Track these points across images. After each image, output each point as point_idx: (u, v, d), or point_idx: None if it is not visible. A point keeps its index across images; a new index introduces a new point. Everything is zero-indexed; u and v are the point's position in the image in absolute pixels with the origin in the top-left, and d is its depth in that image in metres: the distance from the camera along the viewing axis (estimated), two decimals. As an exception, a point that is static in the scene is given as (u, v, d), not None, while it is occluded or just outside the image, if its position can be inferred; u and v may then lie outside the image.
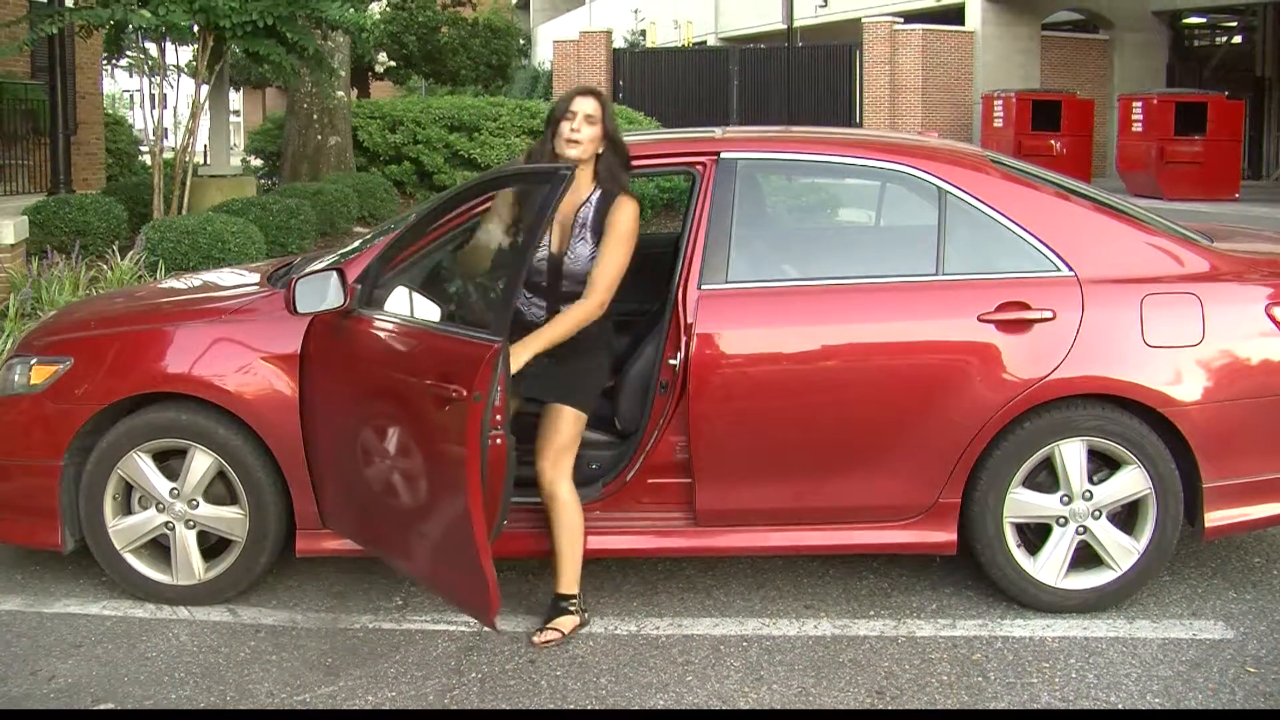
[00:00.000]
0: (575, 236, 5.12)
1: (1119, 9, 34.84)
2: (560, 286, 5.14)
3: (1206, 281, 5.38)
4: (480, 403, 4.36)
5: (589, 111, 5.09)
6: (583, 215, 5.14)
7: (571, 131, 5.08)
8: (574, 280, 5.10)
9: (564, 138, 5.08)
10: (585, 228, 5.12)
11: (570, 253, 5.12)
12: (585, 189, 5.16)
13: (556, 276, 5.14)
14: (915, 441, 5.25)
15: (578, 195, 5.13)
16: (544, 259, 5.12)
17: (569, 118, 5.09)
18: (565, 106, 5.13)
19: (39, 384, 5.53)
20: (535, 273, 5.12)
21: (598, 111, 5.10)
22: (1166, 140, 27.06)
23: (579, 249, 5.11)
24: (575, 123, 5.08)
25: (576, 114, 5.09)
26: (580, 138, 5.08)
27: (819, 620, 5.35)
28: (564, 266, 5.12)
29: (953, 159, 5.68)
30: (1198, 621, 5.31)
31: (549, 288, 5.15)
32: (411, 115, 23.09)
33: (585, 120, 5.09)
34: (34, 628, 5.32)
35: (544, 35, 51.81)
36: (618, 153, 5.20)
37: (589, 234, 5.11)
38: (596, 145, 5.13)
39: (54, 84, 15.98)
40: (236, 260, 11.82)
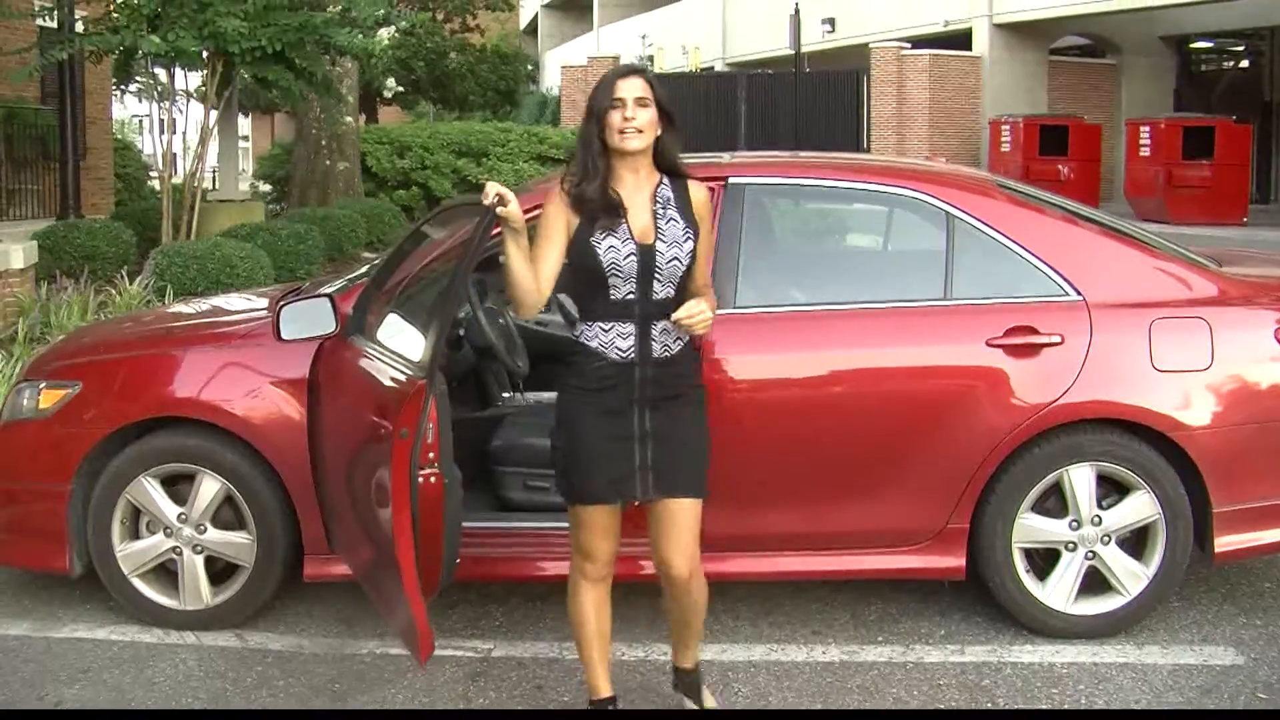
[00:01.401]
0: (662, 218, 4.26)
1: (1126, 34, 34.86)
2: (651, 289, 4.22)
3: (1215, 306, 5.37)
4: (406, 440, 4.14)
5: (639, 94, 4.23)
6: (663, 195, 4.31)
7: (625, 121, 4.21)
8: (668, 279, 4.22)
9: (617, 130, 4.21)
10: (670, 206, 4.29)
11: (661, 237, 4.22)
12: (651, 175, 4.34)
13: (647, 274, 4.21)
14: (924, 466, 5.24)
15: (647, 180, 4.32)
16: (630, 255, 4.19)
17: (618, 106, 4.22)
18: (609, 94, 4.25)
19: (48, 408, 5.54)
20: (616, 277, 4.19)
21: (647, 91, 4.26)
22: (1174, 164, 27.06)
23: (670, 230, 4.24)
24: (628, 109, 4.21)
25: (625, 100, 4.22)
26: (638, 125, 4.22)
27: (827, 646, 5.33)
28: (657, 258, 4.20)
29: (960, 184, 5.68)
30: (1208, 647, 5.29)
31: (639, 293, 4.22)
32: (419, 141, 23.17)
33: (637, 104, 4.22)
34: (41, 653, 5.31)
35: (552, 61, 51.93)
36: (673, 130, 4.37)
37: (676, 212, 4.28)
38: (655, 129, 4.29)
39: (64, 109, 16.07)
40: (244, 285, 11.85)
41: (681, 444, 4.28)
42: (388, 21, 18.15)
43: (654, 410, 4.22)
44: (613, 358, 4.20)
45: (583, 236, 4.19)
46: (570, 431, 4.26)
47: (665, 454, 4.24)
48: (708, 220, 4.42)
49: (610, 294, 4.19)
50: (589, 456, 4.22)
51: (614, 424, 4.20)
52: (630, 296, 4.20)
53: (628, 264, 4.17)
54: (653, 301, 4.21)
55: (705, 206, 4.39)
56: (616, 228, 4.19)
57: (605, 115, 4.24)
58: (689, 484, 4.28)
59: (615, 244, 4.17)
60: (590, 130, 4.29)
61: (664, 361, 4.23)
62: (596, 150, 4.27)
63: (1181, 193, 26.79)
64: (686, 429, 4.30)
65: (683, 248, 4.23)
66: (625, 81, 4.26)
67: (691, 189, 4.37)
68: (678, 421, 4.28)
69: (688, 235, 4.26)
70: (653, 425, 4.22)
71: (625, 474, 4.21)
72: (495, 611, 5.69)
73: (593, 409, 4.22)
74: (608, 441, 4.21)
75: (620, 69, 4.37)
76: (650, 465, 4.22)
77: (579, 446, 4.24)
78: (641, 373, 4.20)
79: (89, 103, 18.81)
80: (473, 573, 5.22)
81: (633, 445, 4.21)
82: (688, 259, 4.24)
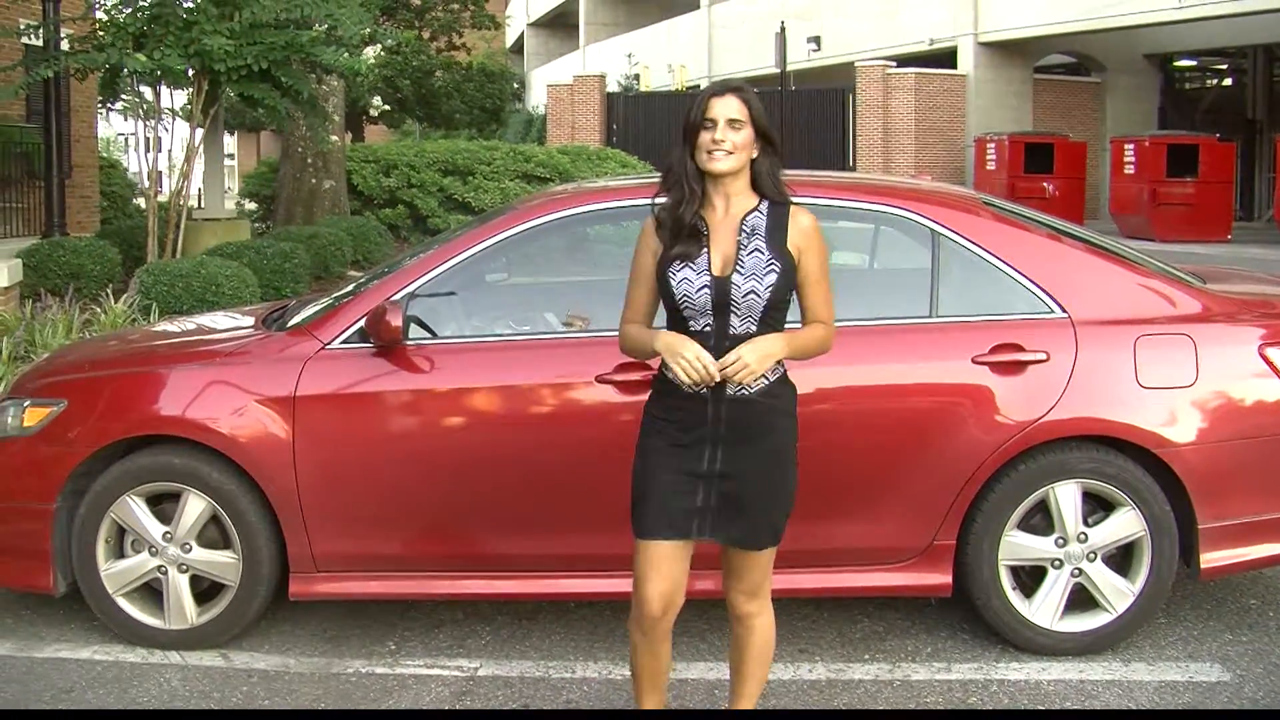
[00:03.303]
0: (744, 248, 4.00)
1: (1111, 52, 35.04)
2: (729, 324, 3.98)
3: (1200, 323, 5.38)
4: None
5: (732, 115, 4.00)
6: (751, 223, 4.05)
7: (714, 143, 3.99)
8: (746, 313, 3.98)
9: (705, 150, 4.00)
10: (757, 235, 4.02)
11: (740, 267, 3.98)
12: (747, 198, 4.09)
13: (724, 308, 3.98)
14: (910, 484, 5.24)
15: (739, 206, 4.08)
16: (704, 287, 3.98)
17: (708, 127, 4.01)
18: (701, 113, 4.03)
19: (32, 426, 5.52)
20: (689, 309, 4.00)
21: (743, 113, 4.02)
22: (1159, 182, 27.19)
23: (751, 261, 3.98)
24: (718, 131, 3.99)
25: (717, 121, 4.00)
26: (727, 148, 4.00)
27: (813, 664, 5.33)
28: (732, 290, 3.96)
29: (946, 201, 5.69)
30: (1194, 664, 5.29)
31: (715, 327, 4.00)
32: (406, 159, 23.18)
33: (729, 126, 4.00)
34: (24, 673, 5.28)
35: (538, 79, 52.06)
36: (774, 153, 4.14)
37: (763, 243, 4.01)
38: (750, 150, 4.05)
39: (49, 127, 16.05)
40: (230, 304, 11.82)
41: (754, 489, 4.04)
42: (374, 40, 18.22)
43: (728, 449, 4.00)
44: (684, 390, 3.99)
45: (662, 266, 4.04)
46: (641, 458, 4.11)
47: (733, 498, 4.02)
48: (813, 249, 4.06)
49: (689, 326, 4.00)
50: (652, 487, 4.04)
51: (683, 458, 4.01)
52: (707, 329, 3.98)
53: (700, 297, 3.96)
54: (730, 337, 3.95)
55: (808, 234, 4.05)
56: (695, 257, 4.00)
57: (696, 134, 4.03)
58: (754, 533, 4.07)
59: (690, 275, 3.98)
60: (682, 151, 4.08)
61: (740, 401, 3.99)
62: (690, 172, 4.05)
63: (1166, 210, 26.92)
64: (763, 472, 4.05)
65: (762, 280, 3.95)
66: (719, 100, 4.03)
67: (793, 216, 4.08)
68: (754, 463, 4.03)
69: (771, 267, 3.97)
70: (725, 465, 4.00)
71: (685, 511, 4.01)
72: (482, 630, 5.68)
73: (664, 439, 4.05)
74: (674, 475, 4.01)
75: (717, 86, 4.11)
76: (714, 507, 4.01)
77: (645, 475, 4.07)
78: (714, 410, 3.98)
79: (74, 121, 18.78)
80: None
81: (698, 483, 4.01)
82: (768, 292, 3.95)
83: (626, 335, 4.17)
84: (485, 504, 5.28)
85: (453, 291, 5.51)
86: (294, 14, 13.83)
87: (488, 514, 5.30)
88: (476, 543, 5.38)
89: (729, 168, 4.01)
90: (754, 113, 4.03)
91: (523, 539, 5.36)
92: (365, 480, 5.31)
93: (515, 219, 5.58)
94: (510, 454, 5.29)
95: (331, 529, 5.32)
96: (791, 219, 4.07)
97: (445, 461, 5.30)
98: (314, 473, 5.28)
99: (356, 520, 5.33)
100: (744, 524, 4.05)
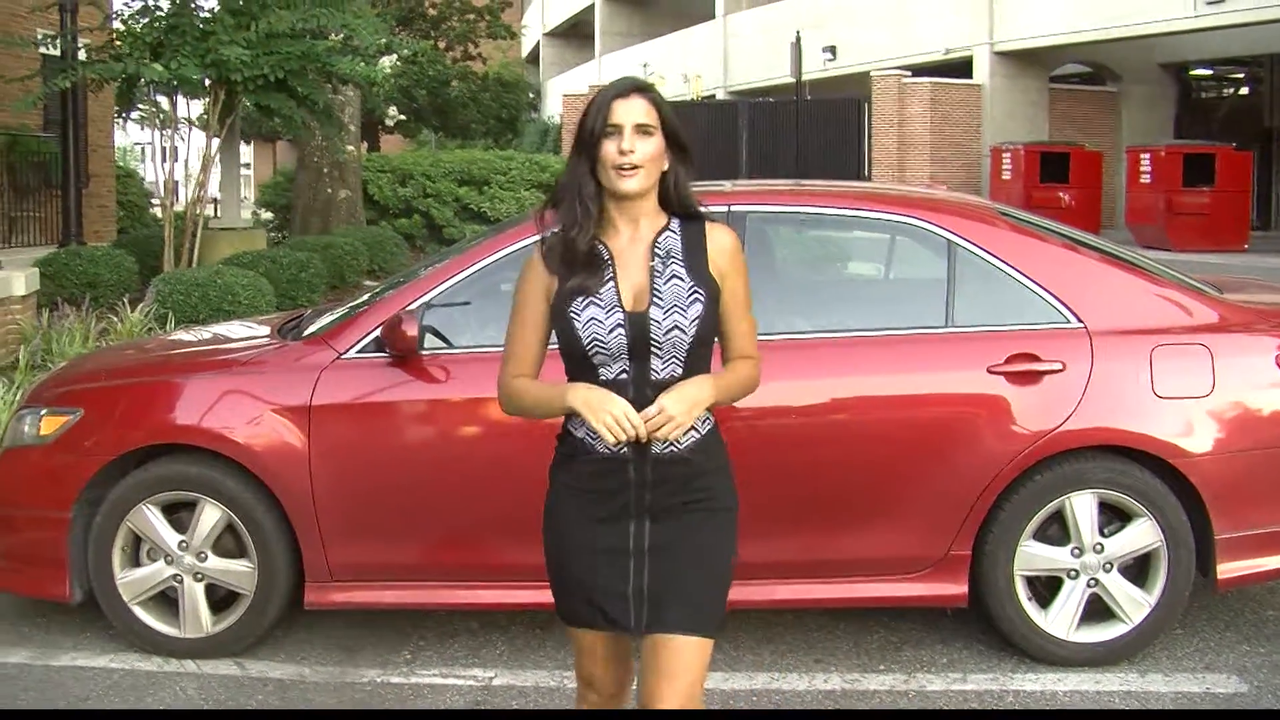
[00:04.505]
0: (660, 276, 3.32)
1: (1126, 61, 34.96)
2: (649, 368, 3.30)
3: (1216, 332, 5.37)
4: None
5: (640, 119, 3.30)
6: (664, 246, 3.36)
7: (622, 155, 3.28)
8: (670, 354, 3.29)
9: (612, 165, 3.28)
10: (674, 260, 3.35)
11: (657, 299, 3.29)
12: (657, 217, 3.40)
13: (643, 349, 3.29)
14: (925, 494, 5.24)
15: (649, 227, 3.39)
16: (617, 327, 3.29)
17: (612, 134, 3.30)
18: (603, 118, 3.31)
19: (49, 435, 5.54)
20: (601, 354, 3.29)
21: (652, 116, 3.32)
22: (1175, 191, 27.09)
23: (670, 291, 3.30)
24: (625, 139, 3.28)
25: (622, 127, 3.29)
26: (637, 160, 3.29)
27: (829, 674, 5.32)
28: (652, 328, 3.28)
29: (961, 211, 5.69)
30: (1211, 675, 5.27)
31: (634, 374, 3.30)
32: (421, 169, 23.24)
33: (638, 133, 3.29)
34: (41, 681, 5.30)
35: (554, 89, 52.12)
36: (687, 162, 3.43)
37: (681, 268, 3.33)
38: (661, 163, 3.36)
39: (66, 137, 16.12)
40: (246, 313, 11.85)
41: (690, 565, 3.37)
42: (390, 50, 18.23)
43: (656, 521, 3.35)
44: (602, 452, 3.32)
45: (560, 304, 3.33)
46: (554, 537, 3.47)
47: (667, 577, 3.35)
48: (736, 272, 3.42)
49: (599, 374, 3.29)
50: (573, 570, 3.41)
51: (606, 534, 3.36)
52: (623, 377, 3.29)
53: (614, 338, 3.27)
54: (652, 384, 3.27)
55: (730, 255, 3.41)
56: (600, 292, 3.30)
57: (597, 146, 3.31)
58: (693, 619, 3.33)
59: (598, 314, 3.28)
60: (579, 166, 3.35)
61: (669, 460, 3.33)
62: (589, 191, 3.34)
63: (1182, 219, 26.83)
64: (700, 546, 3.39)
65: (686, 313, 3.28)
66: (624, 103, 3.32)
67: (710, 235, 3.41)
68: (689, 535, 3.37)
69: (695, 296, 3.30)
70: (654, 539, 3.34)
71: (615, 597, 3.34)
72: (497, 640, 5.68)
73: (580, 513, 3.39)
74: (597, 555, 3.36)
75: (618, 85, 3.38)
76: (646, 591, 3.33)
77: (562, 558, 3.44)
78: (638, 473, 3.32)
79: (91, 130, 18.88)
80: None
81: (627, 563, 3.34)
82: (694, 326, 3.28)
83: (516, 393, 3.42)
84: (500, 513, 5.28)
85: (468, 301, 5.51)
86: (310, 24, 13.87)
87: (502, 523, 5.29)
88: (491, 552, 5.38)
89: (640, 187, 3.32)
90: (664, 115, 3.35)
91: (537, 548, 5.35)
92: (380, 489, 5.31)
93: (531, 228, 5.58)
94: (525, 463, 5.27)
95: (347, 538, 5.33)
96: (709, 237, 3.40)
97: (460, 471, 5.30)
98: (329, 482, 5.29)
99: (372, 529, 5.33)
100: (682, 607, 3.33)
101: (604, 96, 3.33)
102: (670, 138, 3.35)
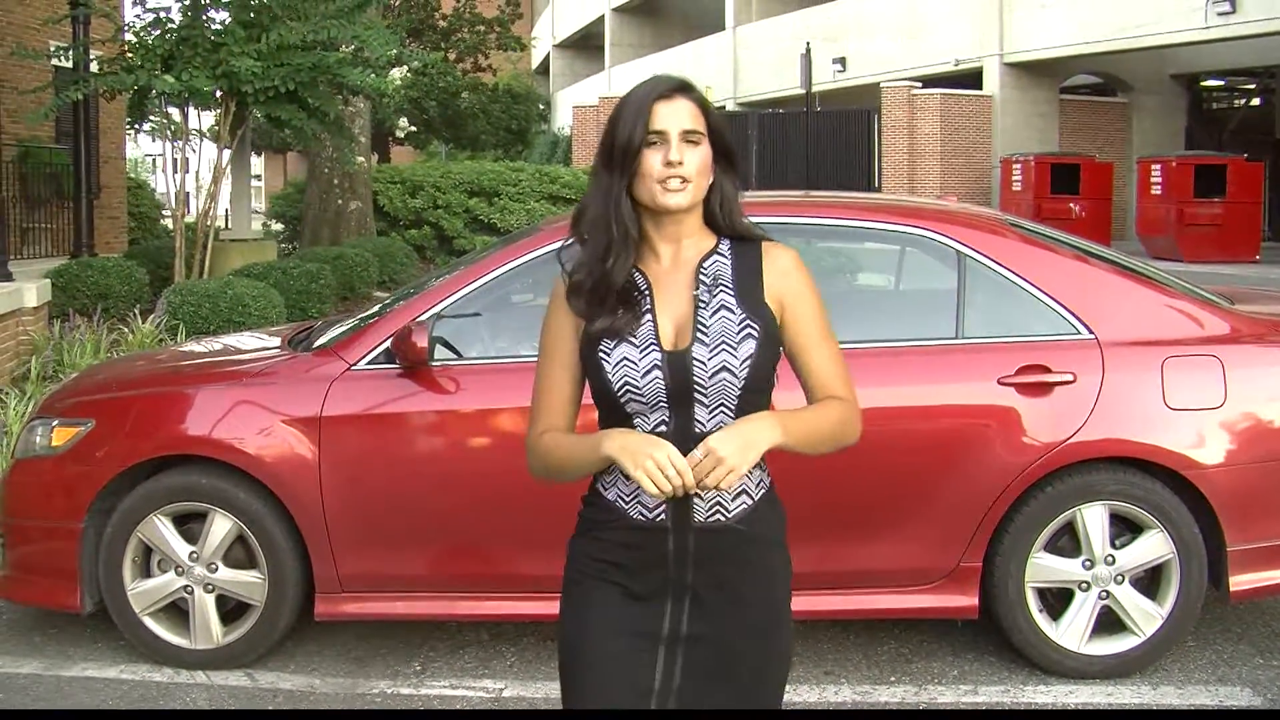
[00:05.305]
0: (705, 307, 2.78)
1: (1137, 72, 34.94)
2: (693, 418, 2.75)
3: (1228, 344, 5.36)
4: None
5: (687, 126, 2.78)
6: (711, 271, 2.84)
7: (669, 168, 2.75)
8: (717, 401, 2.75)
9: (656, 180, 2.75)
10: (722, 287, 2.82)
11: (702, 335, 2.75)
12: (703, 238, 2.89)
13: (685, 392, 2.74)
14: (936, 506, 5.23)
15: (693, 249, 2.87)
16: (653, 369, 2.75)
17: (655, 143, 2.76)
18: (643, 124, 2.75)
19: (60, 445, 5.55)
20: (636, 401, 2.76)
21: (700, 122, 2.80)
22: (1186, 203, 27.05)
23: (717, 325, 2.76)
24: (672, 150, 2.75)
25: (668, 134, 2.75)
26: (687, 172, 2.76)
27: (839, 686, 5.31)
28: (695, 369, 2.73)
29: (971, 222, 5.68)
30: (1223, 688, 5.25)
31: (675, 425, 2.75)
32: (432, 180, 23.27)
33: (685, 142, 2.77)
34: (51, 691, 5.30)
35: (564, 100, 52.18)
36: (733, 173, 2.93)
37: (731, 297, 2.80)
38: (709, 176, 2.84)
39: (78, 148, 16.17)
40: (257, 324, 11.85)
41: (738, 657, 2.80)
42: (400, 61, 18.25)
43: (699, 601, 2.79)
44: (635, 519, 2.79)
45: (588, 346, 2.81)
46: (574, 617, 2.90)
47: (709, 670, 2.79)
48: (803, 296, 2.90)
49: (634, 426, 2.77)
50: (589, 657, 2.83)
51: (635, 616, 2.81)
52: (662, 429, 2.75)
53: (649, 383, 2.74)
54: (696, 438, 2.69)
55: (792, 277, 2.90)
56: (634, 329, 2.78)
57: (637, 157, 2.76)
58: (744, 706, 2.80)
59: (630, 354, 2.76)
60: (612, 183, 2.79)
61: (715, 529, 2.77)
62: (627, 213, 2.80)
63: (1193, 231, 26.79)
64: (747, 633, 2.81)
65: (736, 351, 2.74)
66: (667, 106, 2.78)
67: (768, 256, 2.89)
68: (737, 622, 2.80)
69: (747, 331, 2.76)
70: (692, 625, 2.79)
71: (636, 690, 2.78)
72: (507, 651, 5.67)
73: (608, 590, 2.84)
74: (621, 639, 2.80)
75: (657, 84, 2.83)
76: (677, 687, 2.78)
77: (579, 641, 2.86)
78: (678, 545, 2.77)
79: (103, 142, 18.93)
80: None
81: (657, 651, 2.79)
82: (746, 368, 2.74)
83: (545, 450, 2.88)
84: (511, 525, 5.28)
85: (478, 313, 5.51)
86: (321, 36, 13.89)
87: (513, 535, 5.30)
88: (502, 563, 5.38)
89: (690, 202, 2.81)
90: (712, 120, 2.84)
91: (548, 560, 5.32)
92: (391, 501, 5.31)
93: (541, 240, 5.58)
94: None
95: (357, 549, 5.33)
96: (766, 260, 2.88)
97: (470, 482, 5.30)
98: (340, 493, 5.29)
99: (382, 540, 5.33)
100: (728, 694, 2.80)
101: (641, 98, 2.78)
102: (717, 145, 2.85)
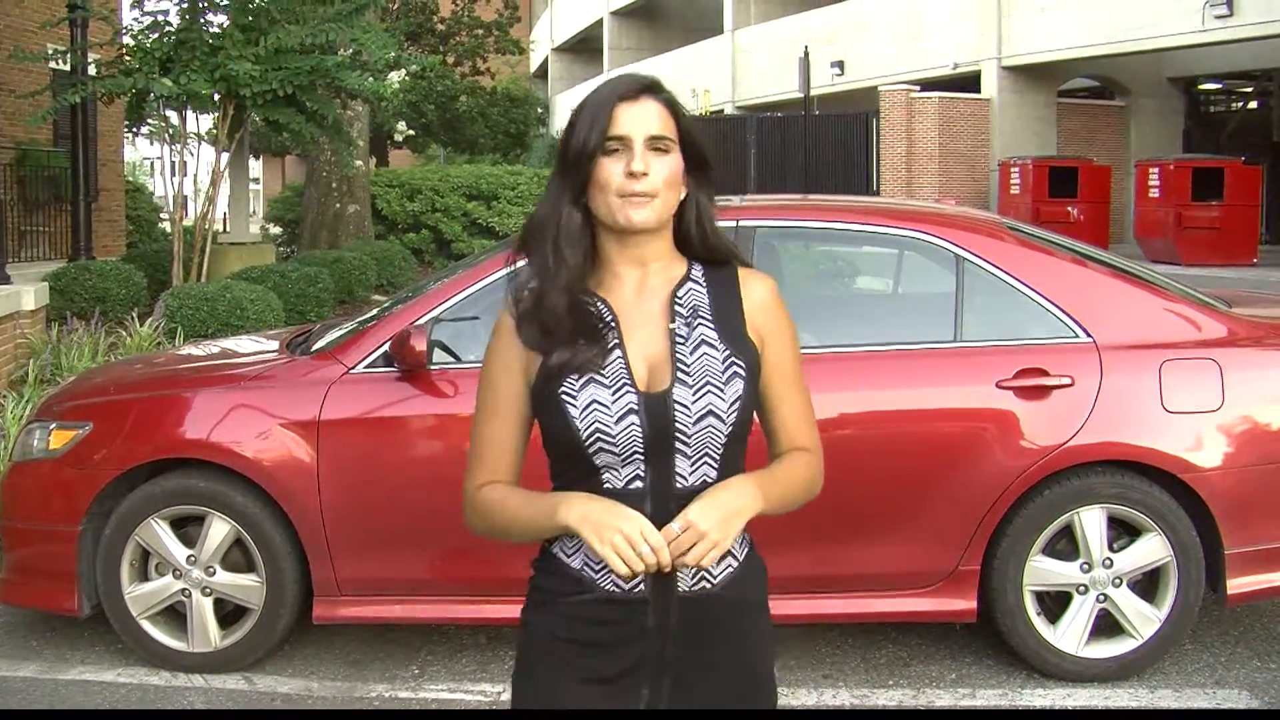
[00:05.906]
0: (684, 343, 2.42)
1: (1135, 76, 34.94)
2: (673, 471, 2.39)
3: (1225, 347, 5.36)
4: None
5: (654, 130, 2.40)
6: (688, 301, 2.46)
7: (630, 179, 2.37)
8: (700, 450, 2.40)
9: (616, 193, 2.38)
10: (701, 320, 2.45)
11: (683, 373, 2.39)
12: (673, 263, 2.51)
13: (665, 441, 2.37)
14: (934, 509, 5.23)
15: (662, 275, 2.49)
16: (628, 414, 2.37)
17: (615, 150, 2.39)
18: (600, 128, 2.38)
19: (58, 449, 5.54)
20: (606, 453, 2.39)
21: (668, 124, 2.42)
22: (1184, 206, 27.06)
23: (701, 362, 2.40)
24: (635, 159, 2.37)
25: (630, 140, 2.38)
26: (653, 186, 2.39)
27: (837, 690, 5.31)
28: (677, 414, 2.37)
29: (970, 226, 5.69)
30: (1221, 690, 5.25)
31: (652, 480, 2.39)
32: (430, 184, 23.29)
33: (651, 148, 2.39)
34: (49, 694, 5.30)
35: (562, 104, 52.15)
36: (708, 186, 2.52)
37: (712, 331, 2.44)
38: (679, 189, 2.45)
39: (76, 151, 16.18)
40: (255, 327, 11.85)
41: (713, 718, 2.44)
42: (398, 65, 18.25)
43: (680, 678, 2.43)
44: (607, 590, 2.40)
45: (545, 386, 2.44)
46: (530, 697, 2.49)
47: None
48: (781, 332, 2.54)
49: (603, 482, 2.40)
50: None
51: (604, 698, 2.41)
52: (637, 485, 2.39)
53: (624, 430, 2.37)
54: (677, 494, 2.37)
55: (770, 309, 2.53)
56: (601, 366, 2.40)
57: (592, 166, 2.40)
58: None
59: (601, 396, 2.38)
60: (560, 193, 2.44)
61: (700, 600, 2.42)
62: (572, 228, 2.43)
63: (1191, 234, 26.79)
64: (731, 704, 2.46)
65: (724, 392, 2.40)
66: (630, 108, 2.40)
67: (745, 282, 2.52)
68: (722, 694, 2.45)
69: (733, 369, 2.42)
70: (676, 700, 2.44)
71: None
72: (505, 655, 5.67)
73: (571, 670, 2.43)
74: None
75: (620, 83, 2.44)
76: None
77: None
78: (659, 617, 2.40)
79: (101, 145, 18.94)
80: None
81: None
82: (734, 411, 2.41)
83: (486, 508, 2.55)
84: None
85: (476, 316, 5.51)
86: (319, 39, 13.89)
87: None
88: (500, 567, 5.36)
89: (656, 220, 2.42)
90: (684, 124, 2.46)
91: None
92: (389, 504, 5.31)
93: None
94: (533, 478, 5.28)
95: (355, 553, 5.32)
96: (744, 289, 2.51)
97: (469, 485, 5.29)
98: (338, 496, 5.29)
99: (380, 544, 5.33)
100: None
101: (601, 99, 2.41)
102: (690, 154, 2.46)
